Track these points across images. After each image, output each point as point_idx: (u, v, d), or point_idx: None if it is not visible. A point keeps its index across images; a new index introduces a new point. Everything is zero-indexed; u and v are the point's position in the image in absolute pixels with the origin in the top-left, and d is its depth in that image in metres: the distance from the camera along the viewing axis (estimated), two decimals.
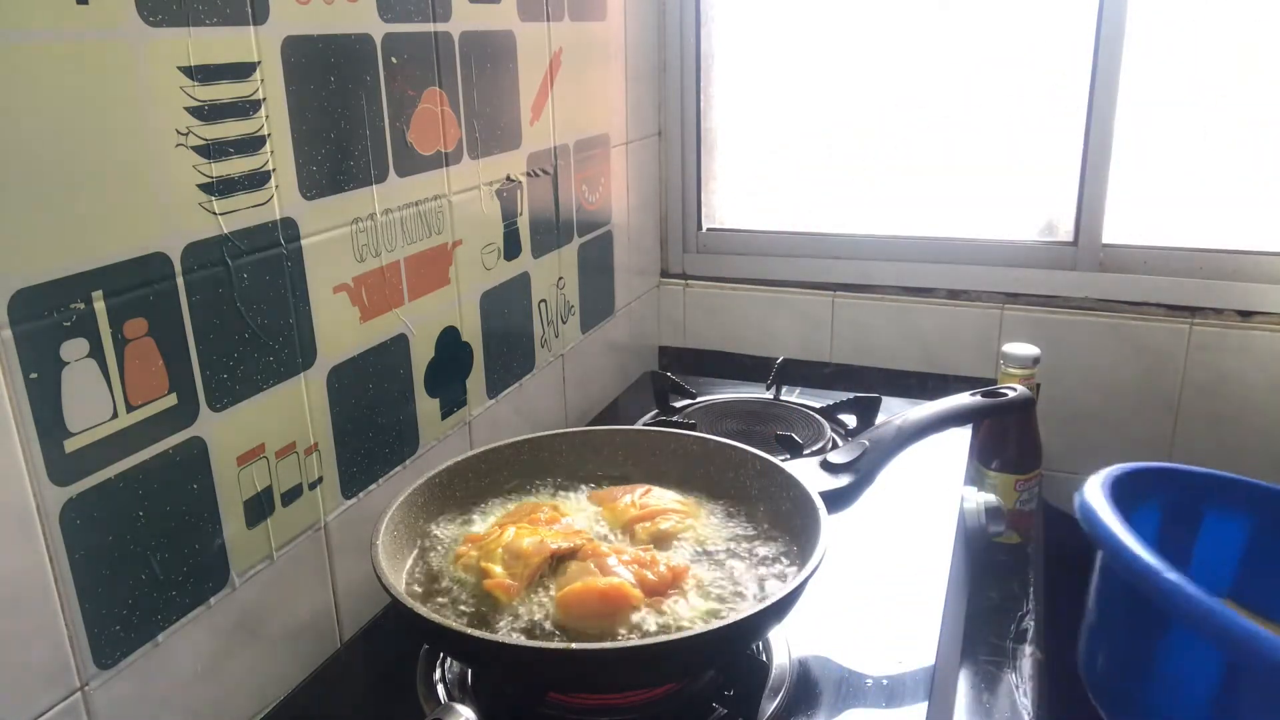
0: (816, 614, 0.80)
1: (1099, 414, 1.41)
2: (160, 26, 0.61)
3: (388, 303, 0.87)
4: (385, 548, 0.75)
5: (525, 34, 1.05)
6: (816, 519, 0.76)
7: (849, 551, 0.91)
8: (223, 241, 0.68)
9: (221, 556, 0.71)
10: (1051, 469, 1.41)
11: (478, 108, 0.97)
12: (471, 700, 0.73)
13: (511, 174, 1.06)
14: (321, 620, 0.84)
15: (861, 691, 0.75)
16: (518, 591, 0.72)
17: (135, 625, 0.65)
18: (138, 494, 0.64)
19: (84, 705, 0.62)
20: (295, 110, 0.73)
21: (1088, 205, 1.36)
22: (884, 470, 1.07)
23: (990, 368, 1.41)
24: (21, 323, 0.55)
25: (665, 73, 1.50)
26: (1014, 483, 1.12)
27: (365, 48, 0.81)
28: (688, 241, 1.57)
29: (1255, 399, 1.33)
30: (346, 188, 0.80)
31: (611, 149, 1.32)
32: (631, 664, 0.66)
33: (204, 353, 0.67)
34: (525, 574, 0.73)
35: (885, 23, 1.41)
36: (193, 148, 0.65)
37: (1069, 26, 1.32)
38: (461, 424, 1.02)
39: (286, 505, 0.77)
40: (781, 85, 1.49)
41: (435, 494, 0.85)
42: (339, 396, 0.82)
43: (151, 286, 0.63)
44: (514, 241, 1.08)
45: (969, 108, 1.40)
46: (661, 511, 0.82)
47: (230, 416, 0.71)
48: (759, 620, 0.67)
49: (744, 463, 0.88)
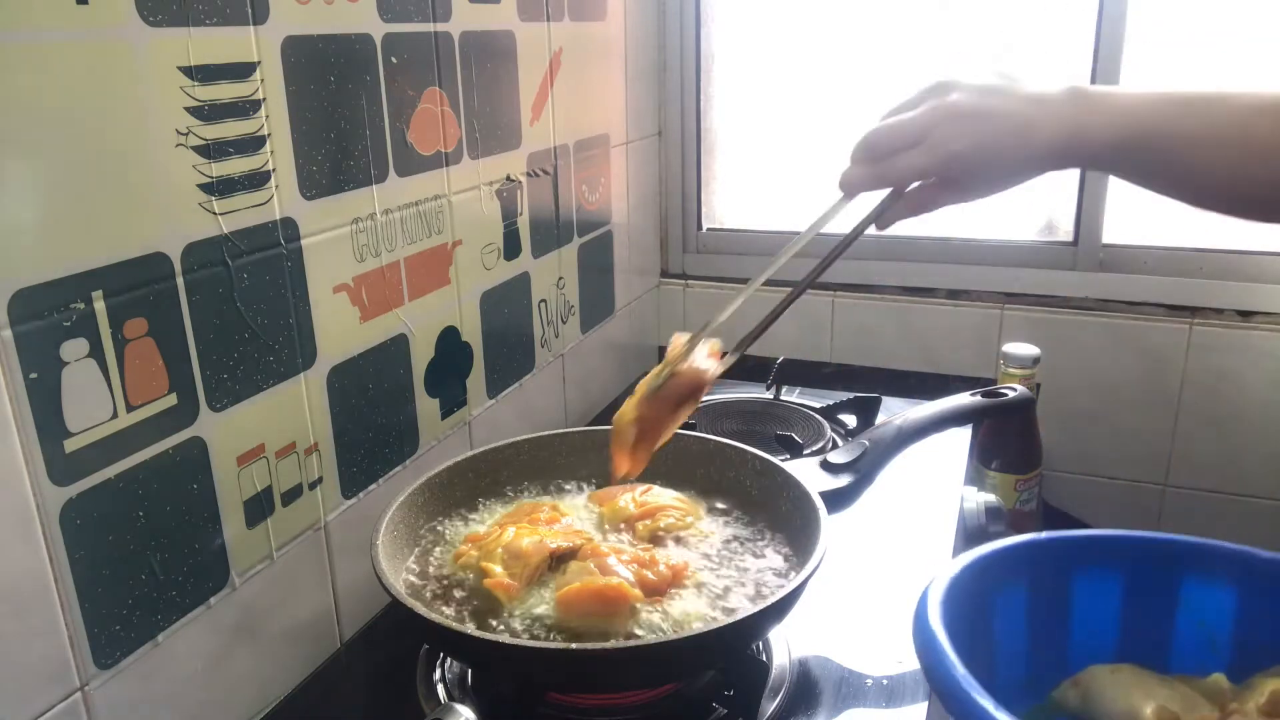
0: (816, 614, 0.80)
1: (1099, 414, 1.41)
2: (160, 26, 0.61)
3: (388, 303, 0.87)
4: (385, 548, 0.75)
5: (525, 34, 1.05)
6: (816, 519, 0.76)
7: (849, 551, 0.91)
8: (223, 241, 0.68)
9: (221, 556, 0.71)
10: (1051, 469, 1.41)
11: (478, 108, 0.97)
12: (471, 700, 0.73)
13: (511, 174, 1.06)
14: (321, 620, 0.84)
15: (861, 691, 0.75)
16: (518, 591, 0.72)
17: (135, 625, 0.65)
18: (138, 494, 0.64)
19: (84, 705, 0.62)
20: (295, 110, 0.73)
21: (1087, 205, 1.36)
22: (884, 470, 1.07)
23: (990, 368, 1.41)
24: (21, 323, 0.55)
25: (665, 73, 1.50)
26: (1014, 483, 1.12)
27: (365, 48, 0.81)
28: (688, 241, 1.57)
29: (1255, 399, 1.33)
30: (346, 188, 0.80)
31: (611, 149, 1.32)
32: (631, 664, 0.66)
33: (204, 353, 0.67)
34: (525, 574, 0.73)
35: (885, 22, 1.41)
36: (193, 148, 0.65)
37: (1069, 27, 1.32)
38: (461, 424, 1.02)
39: (286, 505, 0.77)
40: (781, 85, 1.49)
41: (435, 494, 0.85)
42: (339, 396, 0.82)
43: (151, 286, 0.63)
44: (514, 241, 1.08)
45: None
46: (661, 509, 0.82)
47: (230, 416, 0.71)
48: (759, 620, 0.67)
49: (744, 463, 0.89)
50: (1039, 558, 0.70)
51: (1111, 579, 0.71)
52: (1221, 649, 0.70)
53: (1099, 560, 0.71)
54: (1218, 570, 0.70)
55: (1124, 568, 0.71)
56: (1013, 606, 0.69)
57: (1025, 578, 0.69)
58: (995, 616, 0.68)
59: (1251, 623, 0.69)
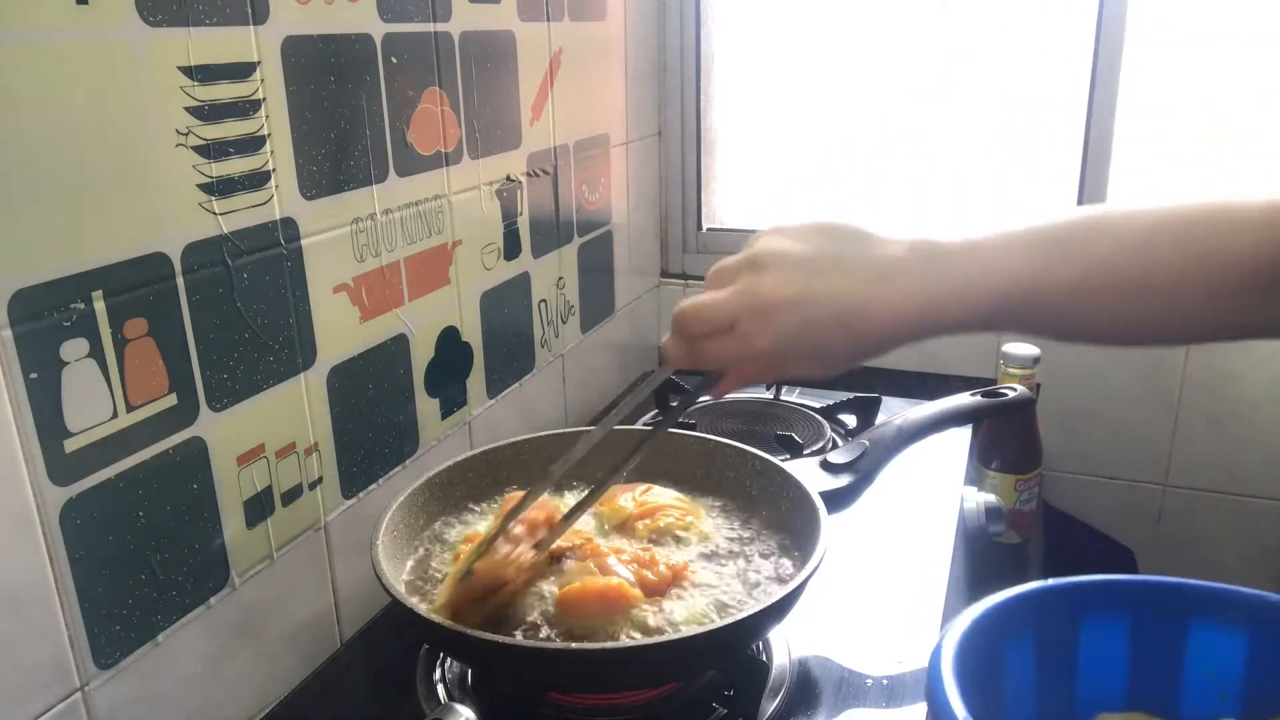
0: (816, 614, 0.80)
1: (1099, 414, 1.41)
2: (160, 26, 0.61)
3: (388, 303, 0.87)
4: (385, 548, 0.75)
5: (525, 34, 1.05)
6: (816, 519, 0.76)
7: (849, 551, 0.91)
8: (223, 241, 0.68)
9: (221, 556, 0.71)
10: (1051, 469, 1.41)
11: (478, 108, 0.97)
12: (471, 700, 0.73)
13: (511, 174, 1.06)
14: (321, 620, 0.84)
15: (861, 691, 0.75)
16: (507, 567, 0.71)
17: (135, 625, 0.65)
18: (138, 494, 0.64)
19: (84, 705, 0.62)
20: (295, 110, 0.73)
21: (1087, 204, 1.36)
22: (884, 470, 1.07)
23: (990, 368, 1.41)
24: (21, 323, 0.55)
25: (665, 73, 1.50)
26: (1014, 483, 1.12)
27: (365, 48, 0.81)
28: (688, 241, 1.57)
29: (1255, 399, 1.33)
30: (346, 188, 0.80)
31: (611, 149, 1.32)
32: (631, 664, 0.66)
33: (204, 353, 0.67)
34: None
35: (885, 22, 1.41)
36: (193, 148, 0.65)
37: (1069, 27, 1.32)
38: (461, 424, 1.02)
39: (286, 505, 0.77)
40: (781, 85, 1.49)
41: (435, 494, 0.85)
42: (339, 396, 0.82)
43: (151, 286, 0.63)
44: (514, 241, 1.08)
45: (969, 107, 1.40)
46: (661, 509, 0.82)
47: (230, 416, 0.71)
48: (759, 620, 0.67)
49: (744, 463, 0.88)
50: (1047, 606, 0.68)
51: (1119, 625, 0.69)
52: (1231, 695, 0.68)
53: (1106, 606, 0.69)
54: (1227, 615, 0.67)
55: (1131, 613, 0.69)
56: (1022, 658, 0.68)
57: (1033, 627, 0.67)
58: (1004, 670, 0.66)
59: (1262, 668, 0.66)
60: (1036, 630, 0.67)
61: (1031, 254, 0.52)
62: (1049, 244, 0.52)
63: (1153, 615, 0.69)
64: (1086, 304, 0.51)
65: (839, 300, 0.54)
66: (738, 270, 0.57)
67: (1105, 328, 0.53)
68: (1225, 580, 0.69)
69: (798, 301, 0.54)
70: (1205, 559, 1.42)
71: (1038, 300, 0.52)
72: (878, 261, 0.54)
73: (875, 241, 0.56)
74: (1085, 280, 0.51)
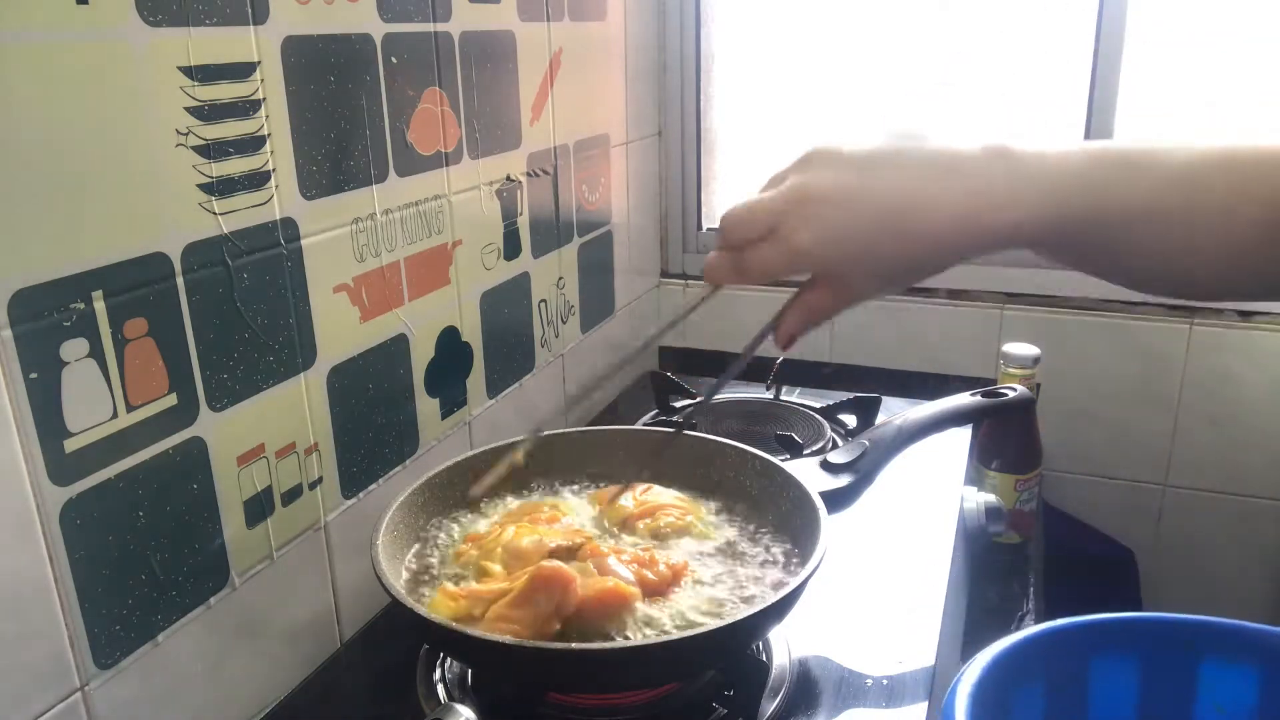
0: (816, 614, 0.80)
1: (1099, 414, 1.41)
2: (160, 26, 0.61)
3: (388, 303, 0.87)
4: (385, 547, 0.75)
5: (525, 34, 1.05)
6: (816, 519, 0.76)
7: (849, 551, 0.91)
8: (223, 241, 0.68)
9: (221, 556, 0.71)
10: (1051, 469, 1.41)
11: (478, 108, 0.97)
12: (471, 700, 0.73)
13: (511, 174, 1.06)
14: (321, 620, 0.84)
15: (861, 691, 0.75)
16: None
17: (135, 625, 0.65)
18: (138, 494, 0.64)
19: (84, 705, 0.62)
20: (295, 110, 0.73)
21: None
22: (884, 470, 1.07)
23: (990, 368, 1.41)
24: (21, 323, 0.55)
25: (665, 73, 1.50)
26: (1014, 483, 1.12)
27: (365, 48, 0.81)
28: (688, 241, 1.57)
29: (1255, 399, 1.33)
30: (346, 188, 0.80)
31: (611, 149, 1.32)
32: (631, 664, 0.66)
33: (204, 353, 0.67)
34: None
35: (885, 22, 1.41)
36: (193, 148, 0.65)
37: (1069, 27, 1.32)
38: (461, 424, 1.02)
39: (286, 505, 0.77)
40: (781, 85, 1.49)
41: (435, 494, 0.85)
42: (339, 396, 0.82)
43: (151, 286, 0.63)
44: (514, 241, 1.08)
45: (969, 107, 1.40)
46: (661, 508, 0.82)
47: (230, 416, 0.70)
48: (759, 620, 0.67)
49: (744, 463, 0.88)
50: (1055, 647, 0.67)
51: (1129, 663, 0.68)
52: None
53: (1116, 645, 0.68)
54: (1238, 651, 0.66)
55: (1141, 652, 0.68)
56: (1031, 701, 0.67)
57: (1042, 670, 0.67)
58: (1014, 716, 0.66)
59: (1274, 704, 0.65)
60: (1046, 672, 0.66)
61: (1098, 168, 0.50)
62: (1115, 161, 0.50)
63: (1163, 653, 0.67)
64: (1147, 226, 0.49)
65: (891, 197, 0.50)
66: (789, 171, 0.54)
67: (1154, 257, 0.51)
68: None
69: (846, 197, 0.50)
70: (1205, 559, 1.42)
71: (1093, 218, 0.50)
72: (944, 155, 0.51)
73: (944, 142, 0.52)
74: (1152, 200, 0.49)
